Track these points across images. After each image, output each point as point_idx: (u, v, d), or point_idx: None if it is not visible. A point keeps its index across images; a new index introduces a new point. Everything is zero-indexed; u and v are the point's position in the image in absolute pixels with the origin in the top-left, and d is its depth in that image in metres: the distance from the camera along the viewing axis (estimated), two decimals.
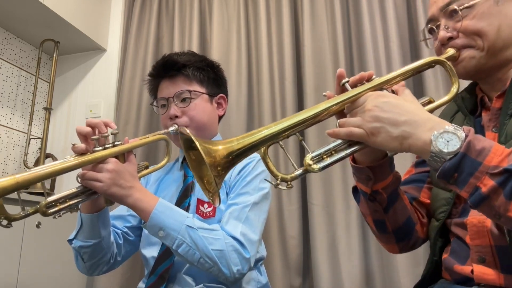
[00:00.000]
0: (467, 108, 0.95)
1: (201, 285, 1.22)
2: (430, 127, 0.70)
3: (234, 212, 1.22)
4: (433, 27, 0.95)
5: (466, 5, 0.87)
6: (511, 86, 0.84)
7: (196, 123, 1.36)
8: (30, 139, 2.29)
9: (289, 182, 0.75)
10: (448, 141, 0.67)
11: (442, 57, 0.88)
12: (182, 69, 1.38)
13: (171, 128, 1.32)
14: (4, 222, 0.90)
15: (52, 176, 0.91)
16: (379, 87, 0.81)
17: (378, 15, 2.06)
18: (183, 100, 1.37)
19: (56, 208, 0.95)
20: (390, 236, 0.98)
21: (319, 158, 0.76)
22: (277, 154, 2.02)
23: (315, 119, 0.79)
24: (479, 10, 0.86)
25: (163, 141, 1.52)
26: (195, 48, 2.26)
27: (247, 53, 2.25)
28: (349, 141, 0.78)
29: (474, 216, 0.83)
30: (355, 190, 0.99)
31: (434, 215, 0.97)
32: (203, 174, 0.76)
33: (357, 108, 0.78)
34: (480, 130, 0.90)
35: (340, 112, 0.82)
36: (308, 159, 0.75)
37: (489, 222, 0.80)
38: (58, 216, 0.96)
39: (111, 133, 1.07)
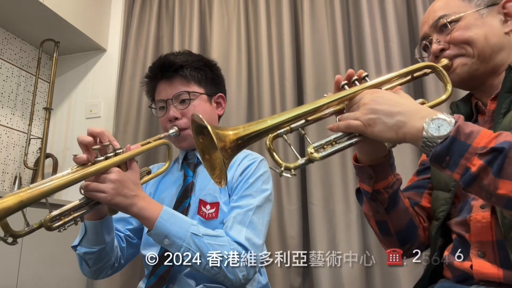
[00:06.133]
0: (463, 115, 0.98)
1: (201, 286, 1.23)
2: (423, 115, 0.75)
3: (238, 217, 1.21)
4: (427, 43, 1.02)
5: (453, 18, 0.95)
6: (503, 88, 0.89)
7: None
8: (30, 139, 2.30)
9: (292, 170, 0.80)
10: (439, 127, 0.72)
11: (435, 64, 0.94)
12: (180, 70, 1.36)
13: (171, 131, 1.31)
14: (10, 239, 0.90)
15: (57, 191, 0.91)
16: (375, 87, 0.86)
17: (378, 15, 2.06)
18: (182, 101, 1.35)
19: (60, 222, 0.95)
20: (393, 239, 1.00)
21: (320, 148, 0.82)
22: (278, 151, 2.00)
23: (316, 113, 0.84)
24: (465, 22, 0.94)
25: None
26: (195, 48, 2.25)
27: (247, 53, 2.25)
28: (349, 134, 0.83)
29: (478, 213, 0.85)
30: (358, 192, 1.02)
31: (434, 215, 0.99)
32: (211, 157, 0.82)
33: (355, 105, 0.83)
34: None
35: (340, 111, 0.87)
36: (310, 148, 0.80)
37: (493, 218, 0.83)
38: (63, 230, 0.96)
39: None
